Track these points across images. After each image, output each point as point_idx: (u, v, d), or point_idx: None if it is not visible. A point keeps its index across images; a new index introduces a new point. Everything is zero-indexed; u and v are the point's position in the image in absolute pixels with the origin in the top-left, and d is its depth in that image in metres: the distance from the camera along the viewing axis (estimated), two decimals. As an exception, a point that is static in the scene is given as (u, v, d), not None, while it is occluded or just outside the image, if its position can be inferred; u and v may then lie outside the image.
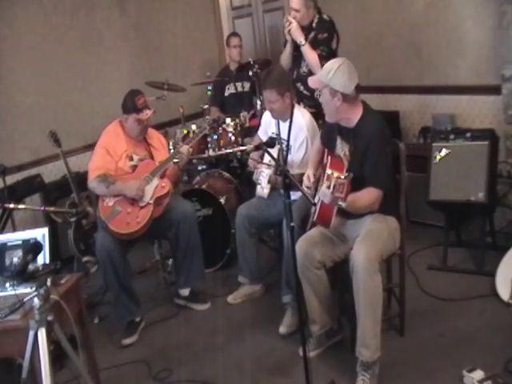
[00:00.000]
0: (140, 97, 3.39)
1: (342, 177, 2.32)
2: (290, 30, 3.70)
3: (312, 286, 2.78)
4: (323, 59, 3.55)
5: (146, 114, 3.38)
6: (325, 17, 3.75)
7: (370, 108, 2.79)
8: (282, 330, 3.16)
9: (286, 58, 3.85)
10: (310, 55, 3.65)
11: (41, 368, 1.92)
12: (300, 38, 3.67)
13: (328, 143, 2.89)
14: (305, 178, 2.90)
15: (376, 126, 2.68)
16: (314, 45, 3.67)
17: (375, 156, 2.62)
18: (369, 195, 2.61)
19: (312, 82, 2.80)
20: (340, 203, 2.38)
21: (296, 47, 3.76)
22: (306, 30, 3.71)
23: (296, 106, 3.45)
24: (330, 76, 2.61)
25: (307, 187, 2.84)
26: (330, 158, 2.77)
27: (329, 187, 2.33)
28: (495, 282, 3.18)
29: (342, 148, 2.78)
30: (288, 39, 3.77)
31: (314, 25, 3.72)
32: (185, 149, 3.54)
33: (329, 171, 2.41)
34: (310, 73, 3.67)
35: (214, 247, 3.96)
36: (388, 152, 2.72)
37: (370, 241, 2.59)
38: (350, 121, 2.71)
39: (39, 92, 4.43)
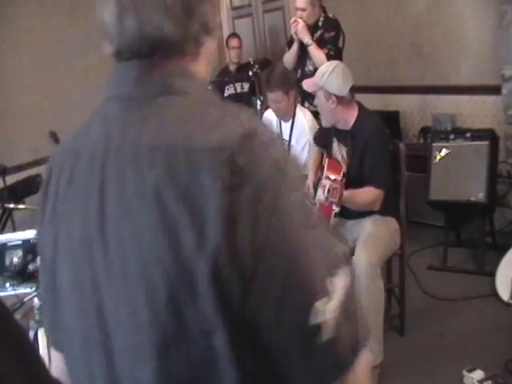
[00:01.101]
0: None
1: (339, 178, 2.37)
2: (296, 30, 3.67)
3: None
4: (330, 58, 3.51)
5: None
6: (330, 15, 3.74)
7: (365, 108, 2.78)
8: None
9: (291, 57, 3.81)
10: (317, 55, 3.61)
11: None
12: (306, 38, 3.63)
13: (324, 146, 2.90)
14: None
15: (373, 125, 2.69)
16: (321, 44, 3.64)
17: (374, 155, 2.62)
18: (368, 194, 2.61)
19: (307, 84, 2.82)
20: (334, 208, 2.43)
21: (301, 47, 3.74)
22: (311, 28, 3.68)
23: (298, 105, 3.44)
24: (325, 79, 2.63)
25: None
26: (327, 160, 2.78)
27: (323, 192, 2.39)
28: (495, 282, 3.17)
29: (339, 151, 2.78)
30: (295, 39, 3.74)
31: (320, 23, 3.70)
32: None
33: (325, 173, 2.46)
34: (316, 71, 3.66)
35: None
36: (387, 151, 2.72)
37: (371, 245, 2.58)
38: (346, 123, 2.71)
39: (39, 92, 4.42)
